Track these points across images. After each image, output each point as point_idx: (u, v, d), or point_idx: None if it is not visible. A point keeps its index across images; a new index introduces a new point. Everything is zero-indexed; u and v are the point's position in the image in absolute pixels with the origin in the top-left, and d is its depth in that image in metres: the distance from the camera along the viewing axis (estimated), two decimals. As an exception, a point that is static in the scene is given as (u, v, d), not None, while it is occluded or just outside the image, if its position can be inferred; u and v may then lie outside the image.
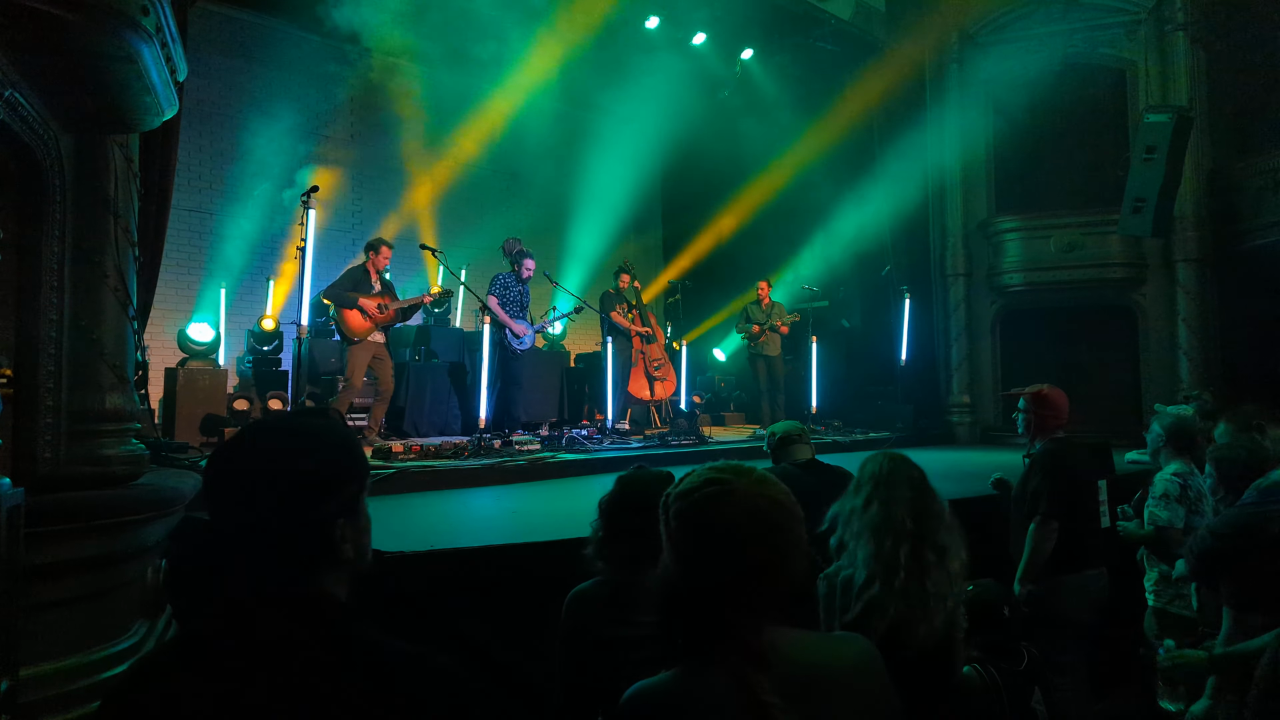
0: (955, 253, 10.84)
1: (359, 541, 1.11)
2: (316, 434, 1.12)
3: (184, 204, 8.52)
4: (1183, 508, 3.64)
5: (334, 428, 1.15)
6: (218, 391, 6.78)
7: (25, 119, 2.49)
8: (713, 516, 1.23)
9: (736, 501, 1.23)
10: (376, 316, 6.84)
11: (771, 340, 9.40)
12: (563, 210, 11.86)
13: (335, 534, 1.07)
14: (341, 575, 1.10)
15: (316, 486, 1.06)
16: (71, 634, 2.65)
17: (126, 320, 3.09)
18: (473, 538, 3.91)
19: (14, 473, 2.57)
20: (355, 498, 1.11)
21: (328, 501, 1.07)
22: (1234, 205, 9.69)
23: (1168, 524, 3.63)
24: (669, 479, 2.29)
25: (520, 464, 6.07)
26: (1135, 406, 9.60)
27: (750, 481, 1.25)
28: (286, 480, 1.05)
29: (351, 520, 1.09)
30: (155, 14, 2.47)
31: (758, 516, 1.22)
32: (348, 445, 1.13)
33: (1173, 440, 3.87)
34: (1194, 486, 3.67)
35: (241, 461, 1.07)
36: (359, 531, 1.11)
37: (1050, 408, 3.65)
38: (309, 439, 1.11)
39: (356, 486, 1.11)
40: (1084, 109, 10.33)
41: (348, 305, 6.77)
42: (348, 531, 1.08)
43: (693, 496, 1.25)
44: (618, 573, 2.21)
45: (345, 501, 1.09)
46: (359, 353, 6.87)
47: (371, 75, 10.32)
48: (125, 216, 3.08)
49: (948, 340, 10.83)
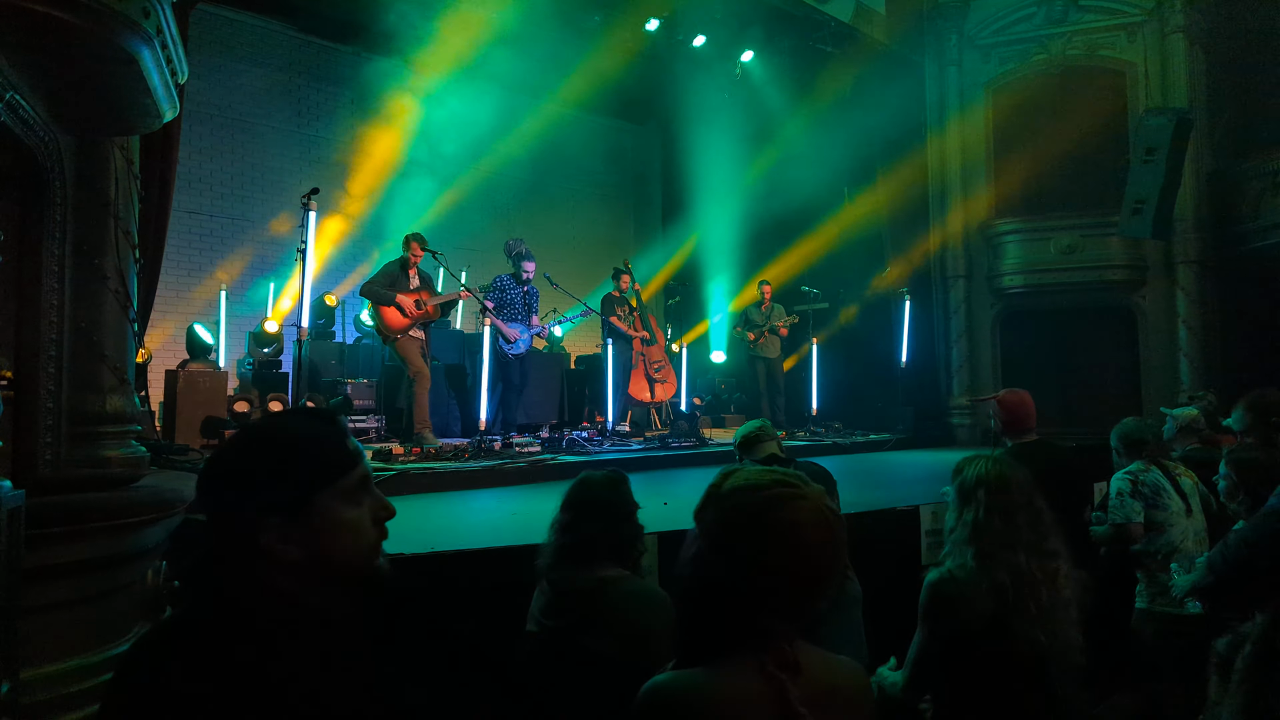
0: (955, 255, 10.84)
1: (317, 544, 1.07)
2: (260, 434, 1.13)
3: (184, 205, 8.52)
4: (1138, 502, 3.70)
5: (290, 427, 1.14)
6: (218, 393, 6.77)
7: (26, 121, 2.49)
8: (783, 517, 1.18)
9: (807, 507, 1.19)
10: (414, 313, 6.79)
11: (771, 342, 9.40)
12: (564, 210, 11.87)
13: (264, 532, 1.05)
14: (289, 575, 1.07)
15: (237, 484, 1.07)
16: (72, 636, 2.64)
17: (127, 322, 3.09)
18: (473, 539, 3.92)
19: (14, 475, 2.57)
20: (295, 498, 1.07)
21: (250, 500, 1.06)
22: (1234, 207, 9.70)
23: (1124, 520, 3.70)
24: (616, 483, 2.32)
25: (521, 466, 6.07)
26: (1135, 408, 9.59)
27: (817, 491, 1.22)
28: (213, 477, 1.09)
29: (295, 522, 1.06)
30: (156, 16, 2.47)
31: (823, 527, 1.18)
32: (293, 444, 1.10)
33: (1123, 445, 4.00)
34: (1146, 482, 3.75)
35: (210, 460, 1.13)
36: (314, 534, 1.07)
37: (1010, 410, 3.70)
38: (250, 438, 1.12)
39: (296, 486, 1.07)
40: (1084, 111, 10.32)
41: (385, 302, 6.71)
42: (290, 531, 1.06)
43: (759, 494, 1.20)
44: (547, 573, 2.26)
45: (278, 501, 1.06)
46: (408, 346, 6.82)
47: (373, 76, 10.34)
48: (126, 218, 3.08)
49: (948, 342, 10.83)
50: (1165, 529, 3.65)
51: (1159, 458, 3.92)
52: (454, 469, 5.85)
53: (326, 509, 1.08)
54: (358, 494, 1.12)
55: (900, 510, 4.46)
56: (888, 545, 4.14)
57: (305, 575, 1.07)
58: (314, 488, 1.08)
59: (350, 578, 1.12)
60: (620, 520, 2.26)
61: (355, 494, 1.12)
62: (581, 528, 2.22)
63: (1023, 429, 3.70)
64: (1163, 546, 3.64)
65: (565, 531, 2.24)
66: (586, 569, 2.18)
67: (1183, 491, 3.74)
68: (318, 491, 1.08)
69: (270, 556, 1.05)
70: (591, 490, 2.29)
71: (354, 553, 1.11)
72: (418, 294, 6.88)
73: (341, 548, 1.10)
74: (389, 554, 1.13)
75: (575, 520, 2.24)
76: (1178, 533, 3.64)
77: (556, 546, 2.25)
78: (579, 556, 2.20)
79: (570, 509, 2.27)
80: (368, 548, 1.14)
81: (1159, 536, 3.65)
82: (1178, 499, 3.71)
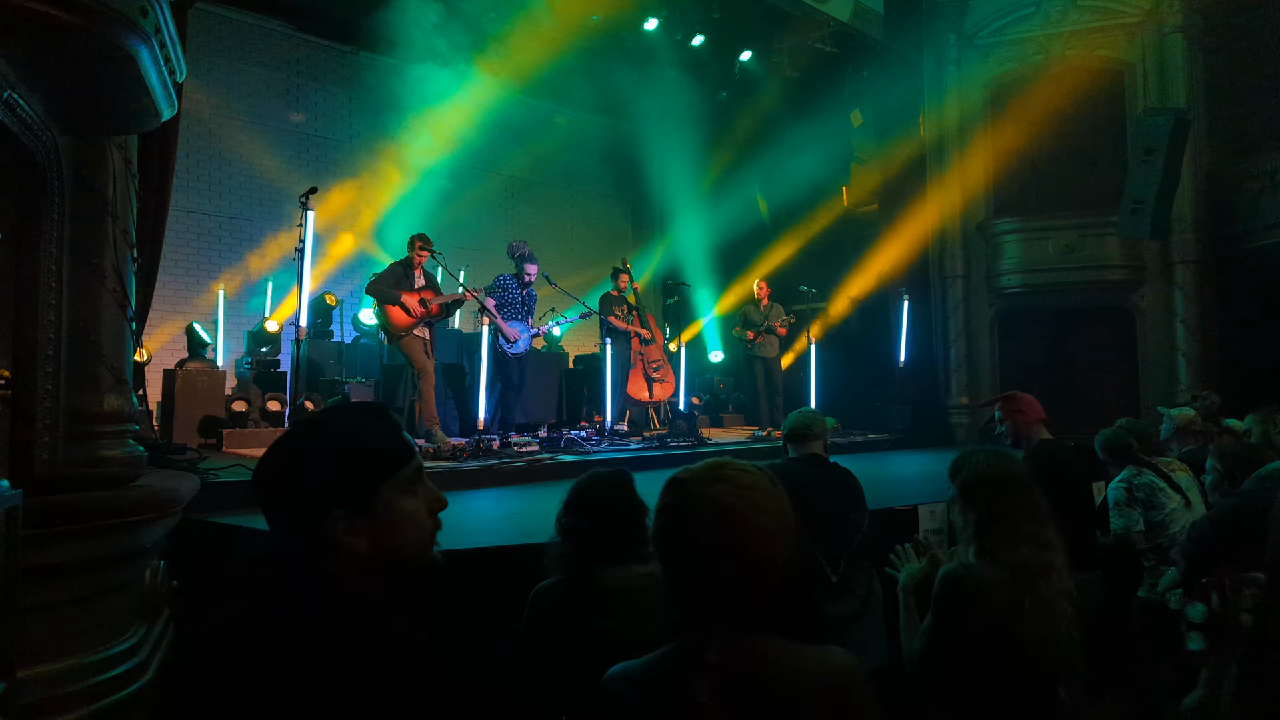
0: (954, 254, 10.84)
1: (382, 535, 1.10)
2: (320, 428, 1.14)
3: (182, 205, 8.52)
4: (1135, 510, 3.73)
5: (347, 422, 1.15)
6: (216, 393, 6.77)
7: (24, 120, 2.48)
8: (666, 527, 1.25)
9: (690, 514, 1.23)
10: (418, 312, 6.79)
11: (769, 342, 9.39)
12: (562, 209, 11.88)
13: (332, 524, 1.07)
14: (355, 566, 1.09)
15: (303, 478, 1.08)
16: (69, 636, 2.64)
17: (125, 321, 3.08)
18: (472, 539, 3.91)
19: (11, 474, 2.56)
20: (359, 490, 1.09)
21: (318, 494, 1.08)
22: (1232, 207, 9.70)
23: (1124, 530, 3.72)
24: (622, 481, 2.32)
25: (519, 465, 6.07)
26: (1134, 408, 9.60)
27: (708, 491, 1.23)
28: (276, 472, 1.10)
29: (359, 515, 1.09)
30: (154, 15, 2.46)
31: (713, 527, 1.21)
32: (353, 438, 1.12)
33: (1108, 454, 4.01)
34: (1140, 485, 3.78)
35: (267, 455, 1.13)
36: (378, 526, 1.10)
37: (1023, 405, 3.64)
38: (310, 432, 1.13)
39: (359, 478, 1.10)
40: (1082, 110, 10.33)
41: (390, 301, 6.71)
42: (357, 523, 1.08)
43: (658, 505, 1.28)
44: (574, 573, 2.22)
45: (345, 495, 1.08)
46: (412, 344, 6.83)
47: (372, 76, 10.34)
48: (124, 218, 3.07)
49: (946, 342, 10.84)
50: (1167, 526, 3.70)
51: (1149, 459, 3.93)
52: (452, 468, 5.85)
53: (389, 501, 1.12)
54: (414, 485, 1.16)
55: (898, 510, 4.46)
56: (886, 545, 4.13)
57: (370, 567, 1.10)
58: (378, 480, 1.11)
59: (411, 567, 1.15)
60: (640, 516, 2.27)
61: (413, 485, 1.16)
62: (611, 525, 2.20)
63: (1037, 421, 3.62)
64: (1164, 542, 3.71)
65: (592, 531, 2.21)
66: (624, 567, 2.17)
67: (1178, 486, 3.77)
68: (380, 483, 1.11)
69: (339, 549, 1.08)
70: (610, 490, 2.29)
71: (415, 542, 1.15)
72: (422, 293, 6.89)
73: (404, 538, 1.13)
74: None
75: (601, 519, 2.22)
76: (1176, 528, 3.70)
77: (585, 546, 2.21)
78: (611, 555, 2.18)
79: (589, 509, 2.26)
80: (426, 537, 1.17)
81: (1161, 534, 3.69)
82: (1175, 495, 3.75)
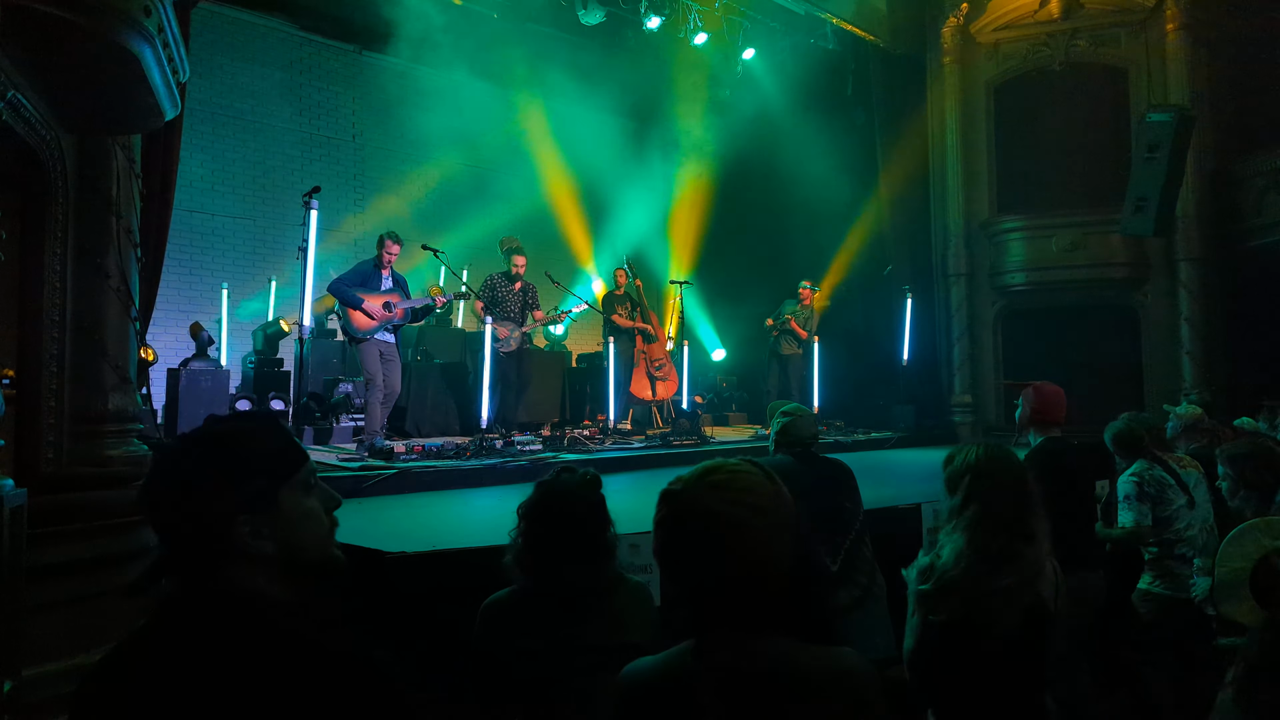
0: (957, 252, 10.83)
1: (286, 538, 1.12)
2: (215, 436, 1.15)
3: (186, 204, 8.53)
4: (1145, 504, 3.72)
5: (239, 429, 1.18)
6: (220, 392, 6.78)
7: (28, 120, 2.49)
8: (666, 541, 1.26)
9: (686, 526, 1.23)
10: (380, 315, 6.36)
11: (790, 342, 9.37)
12: (565, 209, 11.87)
13: (237, 529, 1.09)
14: (261, 570, 1.10)
15: (204, 485, 1.09)
16: (74, 634, 2.65)
17: (129, 320, 3.09)
18: (476, 538, 3.91)
19: (16, 473, 2.57)
20: (261, 494, 1.11)
21: (221, 501, 1.09)
22: (1236, 204, 9.68)
23: (1135, 524, 3.72)
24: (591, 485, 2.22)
25: (522, 464, 6.07)
26: (1138, 406, 9.57)
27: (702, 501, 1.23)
28: (174, 478, 1.11)
29: (264, 515, 1.11)
30: (157, 15, 2.47)
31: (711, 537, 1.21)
32: (249, 444, 1.14)
33: (1119, 447, 3.98)
34: (1151, 479, 3.77)
35: (153, 471, 1.15)
36: (284, 526, 1.12)
37: (1049, 403, 3.61)
38: (205, 441, 1.14)
39: (260, 482, 1.11)
40: (1085, 108, 10.31)
41: (351, 304, 6.30)
42: (261, 527, 1.10)
43: (656, 518, 1.28)
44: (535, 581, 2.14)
45: (249, 499, 1.10)
46: (367, 350, 6.37)
47: (373, 76, 10.35)
48: (127, 217, 3.08)
49: (950, 340, 10.82)
50: (1172, 523, 3.74)
51: (1160, 453, 3.93)
52: (455, 467, 5.85)
53: (290, 501, 1.14)
54: (310, 485, 1.19)
55: (902, 508, 4.46)
56: (890, 543, 4.13)
57: (275, 569, 1.12)
58: (279, 482, 1.14)
59: (315, 566, 1.17)
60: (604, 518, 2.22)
61: (309, 485, 1.19)
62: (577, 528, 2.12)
63: (1050, 423, 3.58)
64: (1169, 536, 3.74)
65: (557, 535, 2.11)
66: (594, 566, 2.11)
67: (1185, 484, 3.78)
68: (282, 485, 1.14)
69: (244, 553, 1.09)
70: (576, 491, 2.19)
71: (317, 541, 1.17)
72: (389, 295, 6.47)
73: (307, 538, 1.16)
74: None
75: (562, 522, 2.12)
76: (1182, 525, 3.74)
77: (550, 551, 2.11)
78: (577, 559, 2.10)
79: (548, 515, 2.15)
80: (326, 536, 1.20)
81: (1165, 530, 3.71)
82: (1181, 493, 3.76)
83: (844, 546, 3.06)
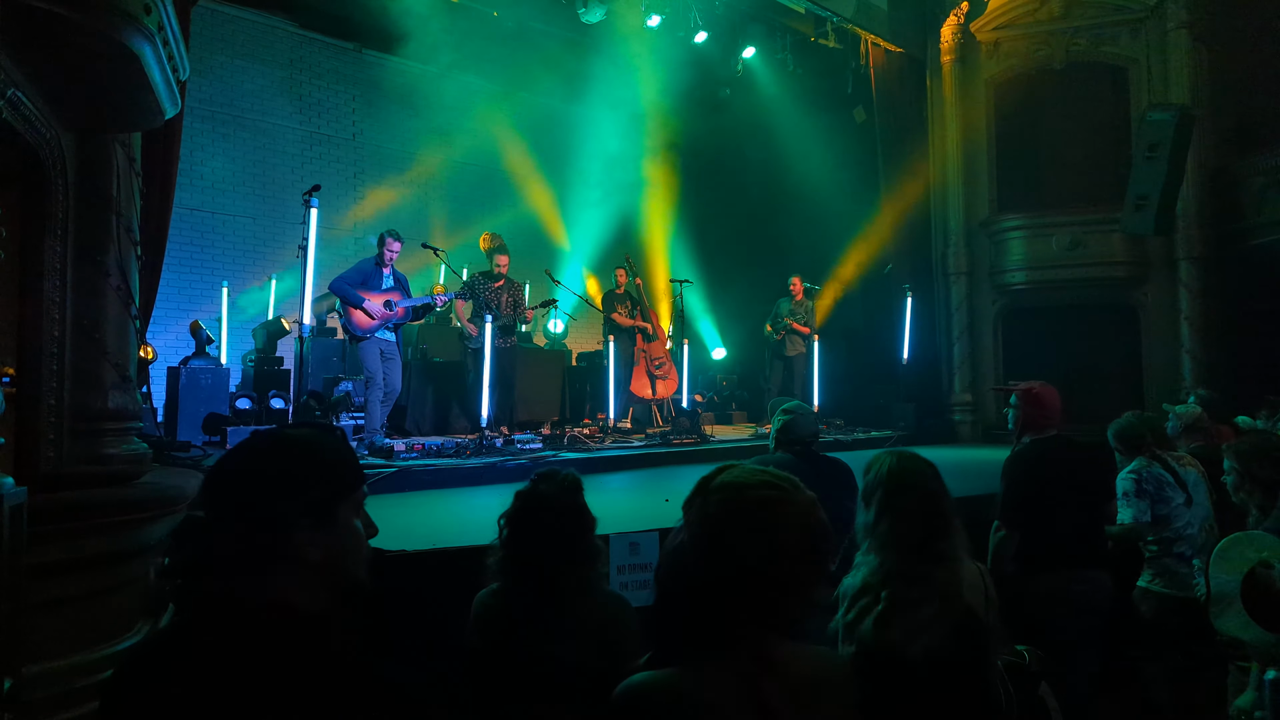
0: (957, 251, 10.83)
1: (333, 552, 1.13)
2: (289, 440, 1.17)
3: (186, 202, 8.52)
4: (1143, 500, 3.73)
5: (313, 437, 1.19)
6: (220, 390, 6.78)
7: (28, 118, 2.49)
8: (764, 519, 1.18)
9: (793, 512, 1.20)
10: (381, 314, 6.36)
11: (793, 341, 9.36)
12: (565, 208, 11.87)
13: (297, 535, 1.10)
14: (308, 582, 1.11)
15: (274, 487, 1.11)
16: (74, 632, 2.65)
17: (129, 319, 3.09)
18: (476, 536, 3.91)
19: (16, 472, 2.57)
20: (323, 504, 1.13)
21: (285, 503, 1.10)
22: (1237, 203, 9.67)
23: (1133, 520, 3.72)
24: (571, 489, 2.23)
25: (522, 463, 6.08)
26: (1138, 405, 9.57)
27: (807, 499, 1.23)
28: (242, 478, 1.13)
29: (321, 527, 1.12)
30: (158, 12, 2.47)
31: (805, 534, 1.19)
32: (321, 453, 1.16)
33: (1120, 444, 4.00)
34: (1150, 477, 3.78)
35: (223, 463, 1.16)
36: (334, 540, 1.14)
37: (1040, 406, 3.60)
38: (280, 445, 1.16)
39: (325, 492, 1.14)
40: (1086, 107, 10.31)
41: (352, 302, 6.31)
42: (316, 536, 1.11)
43: (746, 493, 1.20)
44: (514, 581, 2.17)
45: (310, 506, 1.11)
46: (368, 349, 6.38)
47: (373, 74, 10.33)
48: (127, 215, 3.08)
49: (950, 338, 10.82)
50: (1170, 521, 3.74)
51: (1161, 451, 3.94)
52: (455, 466, 5.86)
53: (344, 517, 1.17)
54: (359, 508, 1.22)
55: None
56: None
57: (317, 579, 1.13)
58: (340, 496, 1.16)
59: (350, 584, 1.19)
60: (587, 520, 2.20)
61: (359, 507, 1.21)
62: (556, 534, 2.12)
63: (1044, 425, 3.58)
64: (1168, 535, 3.75)
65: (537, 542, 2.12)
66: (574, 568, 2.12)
67: (1184, 483, 3.78)
68: (342, 499, 1.16)
69: (296, 557, 1.11)
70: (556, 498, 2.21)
71: (357, 560, 1.19)
72: (389, 294, 6.47)
73: (349, 555, 1.18)
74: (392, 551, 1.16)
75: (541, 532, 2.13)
76: (1181, 523, 3.75)
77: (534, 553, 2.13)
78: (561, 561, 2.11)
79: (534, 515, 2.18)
80: (365, 557, 1.22)
81: (1163, 528, 3.71)
82: (1180, 492, 3.77)
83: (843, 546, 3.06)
